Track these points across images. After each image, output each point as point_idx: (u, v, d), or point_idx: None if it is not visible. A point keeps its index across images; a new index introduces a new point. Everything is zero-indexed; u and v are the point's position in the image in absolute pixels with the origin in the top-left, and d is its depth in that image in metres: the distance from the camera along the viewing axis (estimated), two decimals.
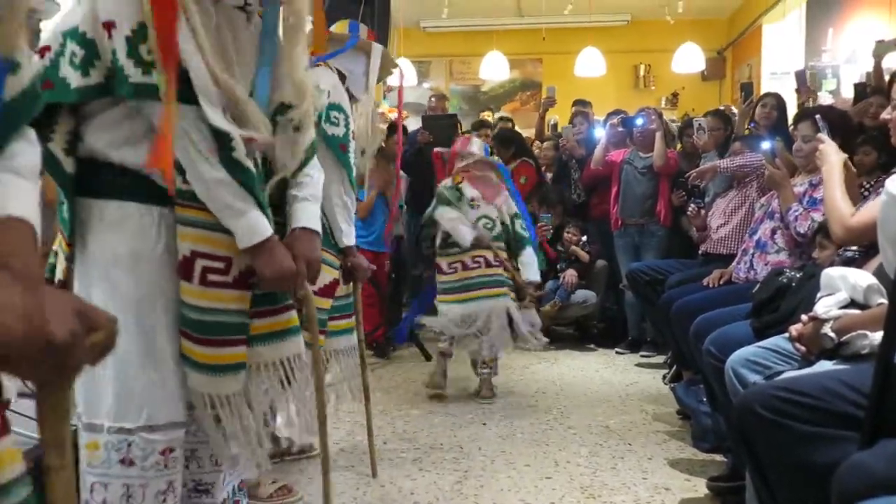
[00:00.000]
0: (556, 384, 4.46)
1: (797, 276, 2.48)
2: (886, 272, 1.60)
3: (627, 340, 5.39)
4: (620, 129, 5.50)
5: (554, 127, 6.94)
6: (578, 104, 6.45)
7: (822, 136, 2.50)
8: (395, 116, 4.69)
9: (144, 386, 1.47)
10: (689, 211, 4.41)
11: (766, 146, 3.43)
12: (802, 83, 5.12)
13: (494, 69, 8.06)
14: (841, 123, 3.07)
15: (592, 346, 5.58)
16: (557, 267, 5.49)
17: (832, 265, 2.31)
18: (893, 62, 4.45)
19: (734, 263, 3.41)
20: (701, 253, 4.17)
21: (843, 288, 2.01)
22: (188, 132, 1.46)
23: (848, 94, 4.96)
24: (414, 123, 6.63)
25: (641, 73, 9.25)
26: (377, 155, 4.83)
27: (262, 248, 1.52)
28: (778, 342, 2.16)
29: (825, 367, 1.91)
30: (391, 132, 4.40)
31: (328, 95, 2.44)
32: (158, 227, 1.50)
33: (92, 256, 1.52)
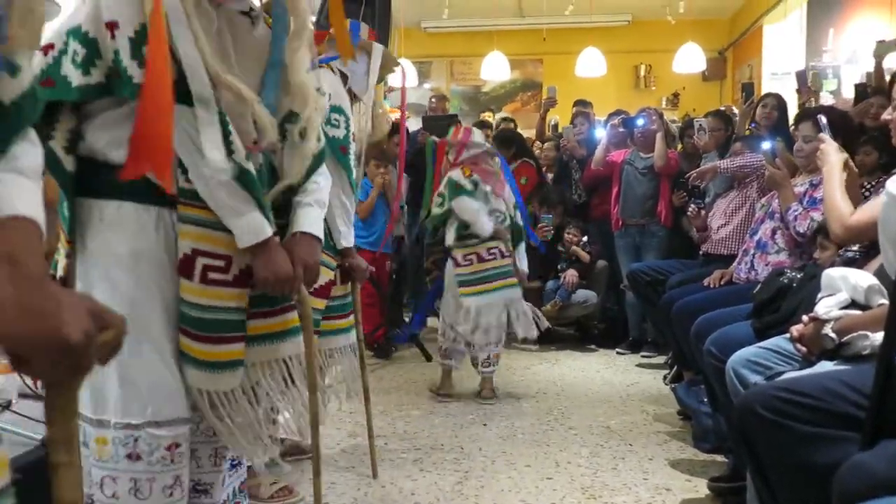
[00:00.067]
0: (556, 385, 4.46)
1: (798, 276, 2.48)
2: (887, 273, 1.60)
3: (628, 341, 5.39)
4: (621, 129, 5.50)
5: (555, 127, 6.94)
6: (579, 104, 6.45)
7: (823, 135, 2.50)
8: (396, 117, 4.69)
9: (147, 384, 1.49)
10: (689, 211, 4.41)
11: (766, 146, 3.43)
12: (803, 83, 5.12)
13: (495, 70, 8.05)
14: (842, 124, 3.07)
15: (593, 346, 5.58)
16: (558, 267, 5.49)
17: (833, 266, 2.31)
18: (894, 62, 4.45)
19: (735, 264, 3.40)
20: (702, 253, 4.17)
21: (843, 288, 2.01)
22: (189, 133, 1.47)
23: (849, 94, 4.96)
24: (415, 124, 6.63)
25: (642, 73, 9.25)
26: (377, 155, 4.87)
27: (261, 248, 1.54)
28: (779, 343, 2.16)
29: (826, 367, 1.91)
30: (393, 133, 4.39)
31: (329, 98, 2.45)
32: (157, 226, 1.51)
33: (92, 256, 1.53)
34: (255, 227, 1.52)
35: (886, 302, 1.80)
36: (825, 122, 2.60)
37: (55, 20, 1.52)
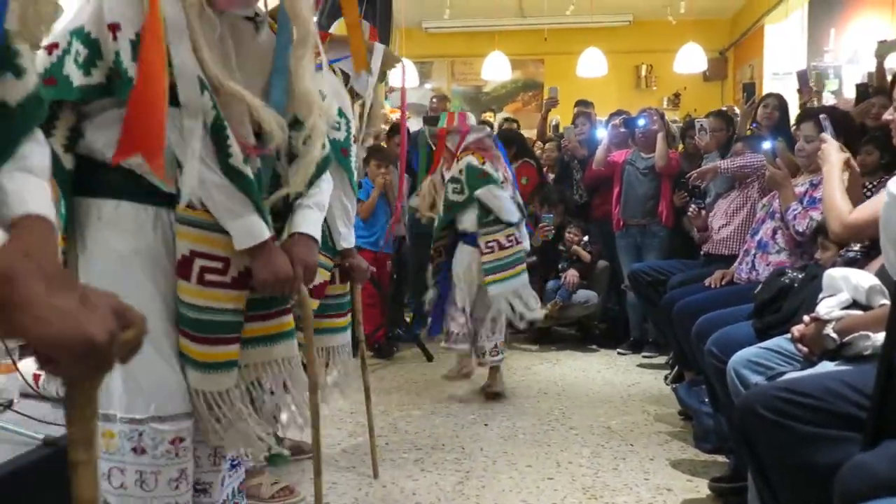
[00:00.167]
0: (557, 385, 4.46)
1: (799, 276, 2.48)
2: (888, 273, 1.60)
3: (629, 341, 5.39)
4: (622, 129, 5.50)
5: (556, 127, 6.94)
6: (580, 105, 6.45)
7: (825, 135, 2.50)
8: (397, 117, 4.69)
9: (149, 381, 1.51)
10: (689, 212, 4.41)
11: (766, 146, 3.43)
12: (804, 83, 5.12)
13: (496, 70, 8.05)
14: (843, 124, 3.07)
15: (594, 346, 5.57)
16: (559, 266, 5.49)
17: (834, 266, 2.31)
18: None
19: (736, 264, 3.40)
20: (703, 253, 4.17)
21: (845, 289, 2.01)
22: (186, 135, 1.47)
23: (850, 94, 4.96)
24: (416, 124, 6.63)
25: (643, 73, 9.25)
26: (377, 156, 4.87)
27: (259, 250, 1.54)
28: (780, 343, 2.16)
29: (827, 367, 1.91)
30: (394, 133, 4.39)
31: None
32: (155, 225, 1.52)
33: (91, 255, 1.54)
34: (252, 229, 1.53)
35: (888, 302, 1.80)
36: (827, 121, 2.60)
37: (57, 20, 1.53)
